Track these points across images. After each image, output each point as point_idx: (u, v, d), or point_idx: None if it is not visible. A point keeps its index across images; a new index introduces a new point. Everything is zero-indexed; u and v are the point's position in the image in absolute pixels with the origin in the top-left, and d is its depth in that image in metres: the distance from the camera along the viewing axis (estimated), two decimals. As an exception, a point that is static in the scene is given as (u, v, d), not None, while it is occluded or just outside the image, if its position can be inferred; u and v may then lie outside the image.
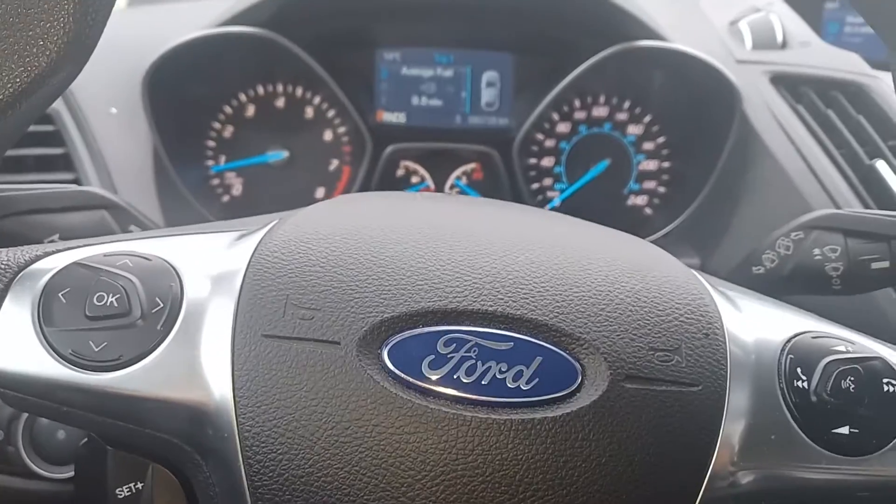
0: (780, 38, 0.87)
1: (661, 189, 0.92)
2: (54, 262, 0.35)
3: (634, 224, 0.92)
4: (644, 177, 0.92)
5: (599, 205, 0.92)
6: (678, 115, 0.88)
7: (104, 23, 0.36)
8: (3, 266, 0.35)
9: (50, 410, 0.34)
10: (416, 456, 0.32)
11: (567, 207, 0.92)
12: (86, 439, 0.41)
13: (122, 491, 0.36)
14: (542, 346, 0.33)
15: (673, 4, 0.97)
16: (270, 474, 0.32)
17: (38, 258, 0.36)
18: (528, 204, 0.90)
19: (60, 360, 0.33)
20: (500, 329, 0.34)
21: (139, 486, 0.36)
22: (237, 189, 0.91)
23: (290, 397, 0.32)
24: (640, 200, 0.92)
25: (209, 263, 0.36)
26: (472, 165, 0.91)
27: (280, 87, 0.89)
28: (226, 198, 0.90)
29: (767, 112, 0.78)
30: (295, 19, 0.80)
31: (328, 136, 0.91)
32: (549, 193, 0.92)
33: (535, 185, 0.91)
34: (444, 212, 0.41)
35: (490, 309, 0.34)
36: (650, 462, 0.33)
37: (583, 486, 0.32)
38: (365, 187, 0.87)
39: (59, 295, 0.34)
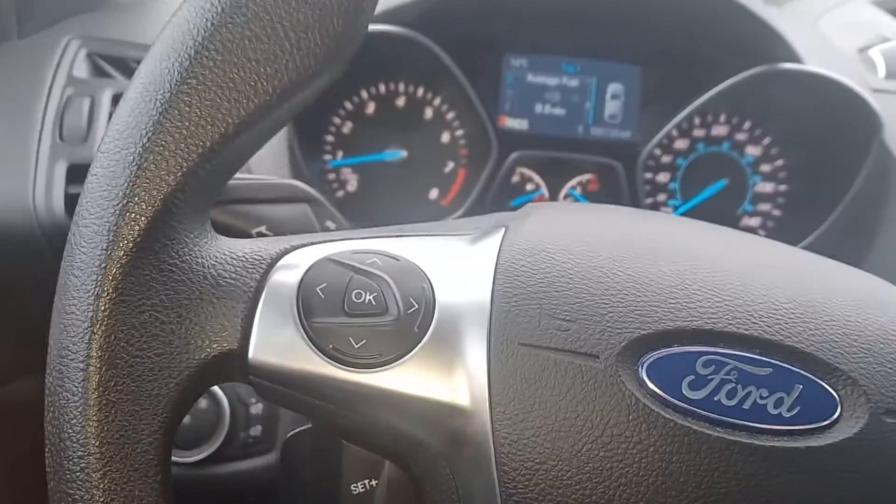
0: (914, 69, 0.85)
1: (777, 212, 0.91)
2: (303, 257, 0.36)
3: (747, 246, 0.91)
4: (759, 199, 0.91)
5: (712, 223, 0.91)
6: (802, 138, 0.87)
7: (368, 22, 0.36)
8: (259, 259, 0.35)
9: (302, 404, 0.34)
10: (678, 476, 0.32)
11: (679, 224, 0.91)
12: (294, 431, 0.41)
13: (357, 487, 0.36)
14: (802, 374, 0.33)
15: (799, 28, 0.96)
16: (525, 482, 0.32)
17: (286, 252, 0.36)
18: None
19: (322, 355, 0.33)
20: (756, 354, 0.33)
21: (373, 483, 0.36)
22: (352, 185, 0.91)
23: (548, 407, 0.32)
24: (754, 222, 0.92)
25: (455, 265, 0.36)
26: (587, 176, 0.90)
27: (402, 87, 0.90)
28: (340, 193, 0.91)
29: (910, 142, 0.77)
30: (435, 22, 0.81)
31: (446, 137, 0.91)
32: (663, 209, 0.92)
33: (650, 200, 0.91)
34: (669, 229, 0.41)
35: (746, 332, 0.34)
36: None
37: None
38: (484, 191, 0.87)
39: (317, 289, 0.34)
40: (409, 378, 0.33)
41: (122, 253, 0.31)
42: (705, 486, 0.31)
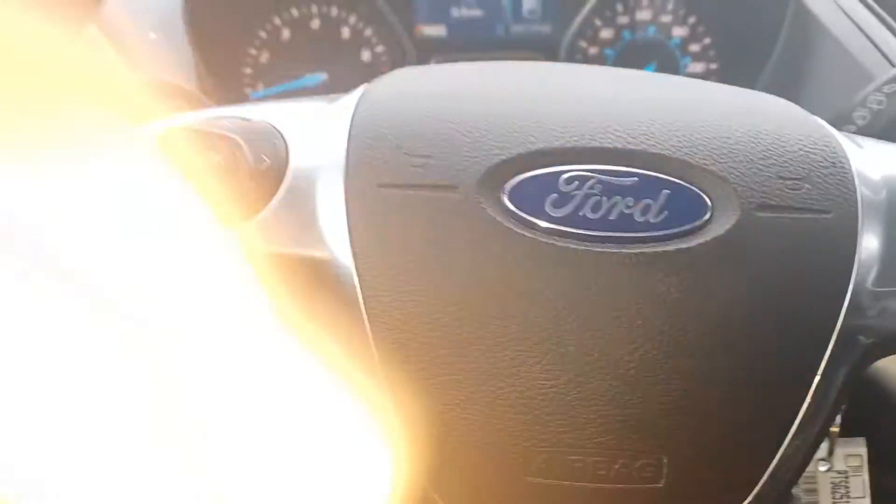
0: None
1: (710, 91, 0.89)
2: (151, 130, 0.34)
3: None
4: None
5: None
6: (725, 11, 0.86)
7: None
8: None
9: None
10: (546, 295, 0.31)
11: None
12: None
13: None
14: (668, 179, 0.32)
15: None
16: (395, 323, 0.31)
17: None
18: None
19: None
20: (620, 165, 0.32)
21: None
22: (277, 116, 0.89)
23: (411, 244, 0.31)
24: (689, 104, 0.90)
25: (310, 121, 0.35)
26: (515, 77, 0.89)
27: (314, 8, 0.87)
28: (266, 125, 0.89)
29: (824, -6, 0.76)
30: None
31: (366, 56, 0.89)
32: (595, 102, 0.90)
33: (581, 94, 0.89)
34: (537, 66, 0.40)
35: (608, 146, 0.33)
36: (788, 288, 0.32)
37: (721, 315, 0.31)
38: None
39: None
40: (265, 234, 0.32)
41: None
42: (577, 301, 0.31)
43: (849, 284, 0.32)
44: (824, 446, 0.45)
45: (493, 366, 0.31)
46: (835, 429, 0.43)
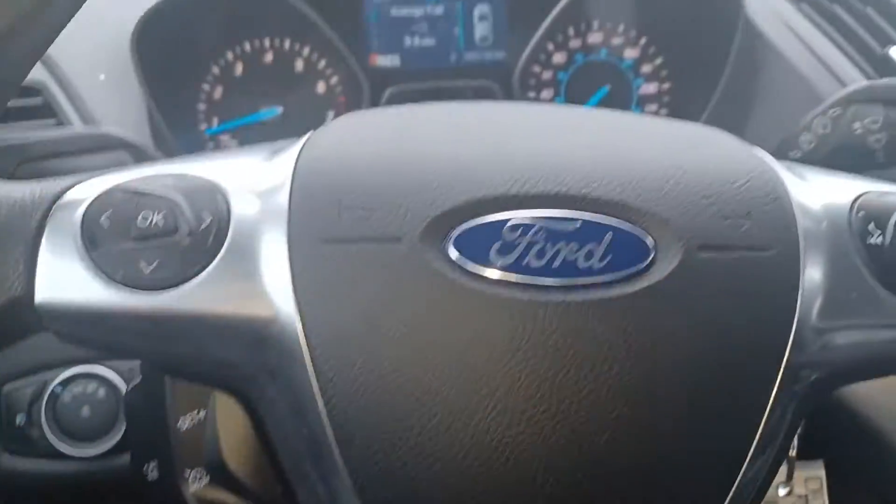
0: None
1: (664, 111, 0.90)
2: (90, 190, 0.34)
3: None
4: (645, 101, 0.90)
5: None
6: (675, 32, 0.87)
7: None
8: (37, 199, 0.33)
9: (105, 341, 0.33)
10: (493, 346, 0.31)
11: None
12: (134, 383, 0.40)
13: (185, 421, 0.35)
14: (611, 222, 0.32)
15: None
16: (344, 380, 0.31)
17: (70, 187, 0.34)
18: None
19: (114, 283, 0.31)
20: (564, 210, 0.32)
21: (201, 414, 0.35)
22: (234, 151, 0.88)
23: (357, 300, 0.31)
24: (643, 124, 0.91)
25: (251, 176, 0.34)
26: (470, 103, 0.89)
27: (267, 42, 0.87)
28: (223, 161, 0.88)
29: (771, 14, 0.77)
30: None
31: (321, 87, 0.88)
32: (552, 125, 0.90)
33: (537, 118, 0.90)
34: (479, 108, 0.40)
35: (550, 191, 0.33)
36: (733, 327, 0.32)
37: (667, 357, 0.31)
38: (366, 134, 0.85)
39: (102, 219, 0.32)
40: (208, 293, 0.32)
41: None
42: (523, 350, 0.31)
43: (793, 321, 0.33)
44: (783, 470, 0.46)
45: (443, 419, 0.30)
46: (792, 453, 0.43)
